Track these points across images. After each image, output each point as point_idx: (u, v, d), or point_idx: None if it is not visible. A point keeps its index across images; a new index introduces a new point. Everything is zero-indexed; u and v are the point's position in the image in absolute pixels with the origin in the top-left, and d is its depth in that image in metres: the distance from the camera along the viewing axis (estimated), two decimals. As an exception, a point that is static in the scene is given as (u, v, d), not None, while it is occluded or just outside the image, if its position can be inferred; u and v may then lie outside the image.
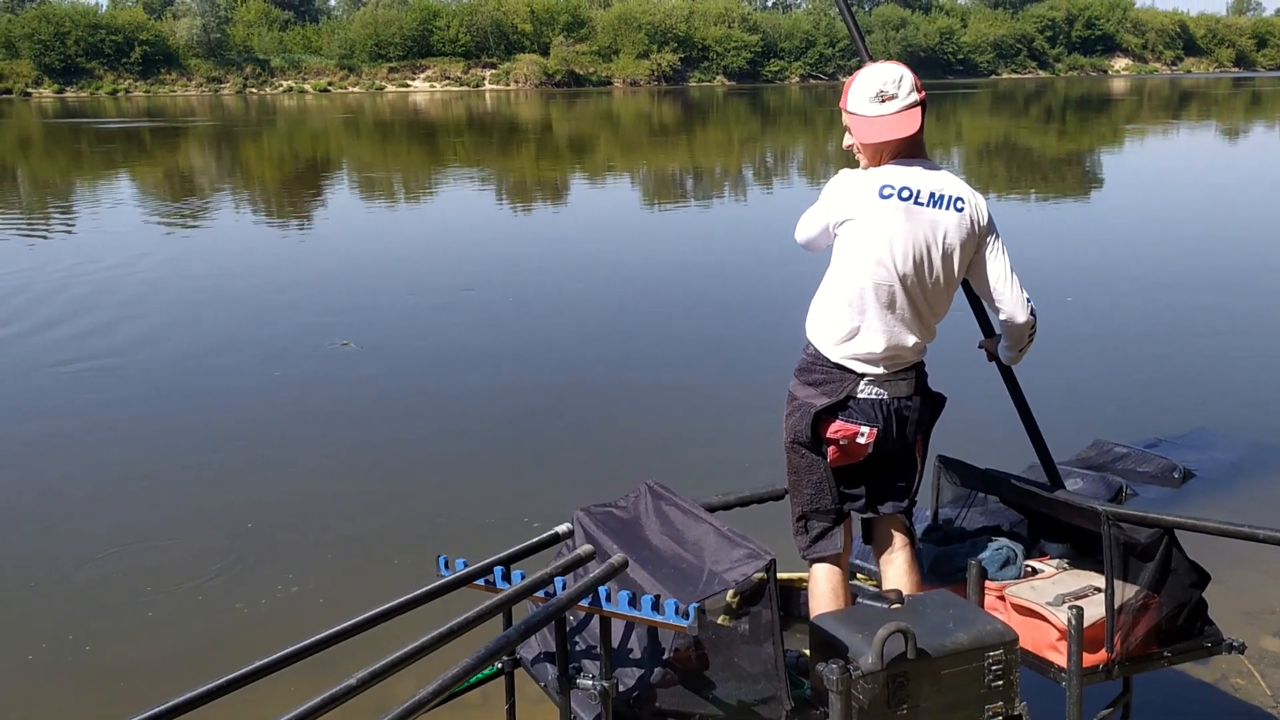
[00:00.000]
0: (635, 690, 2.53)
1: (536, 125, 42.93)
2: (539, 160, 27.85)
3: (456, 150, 31.01)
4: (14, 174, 26.39)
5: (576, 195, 20.80)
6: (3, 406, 7.39)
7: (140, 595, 4.65)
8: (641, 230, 15.94)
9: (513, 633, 2.25)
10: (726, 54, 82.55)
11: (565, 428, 6.86)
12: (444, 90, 74.70)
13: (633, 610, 2.39)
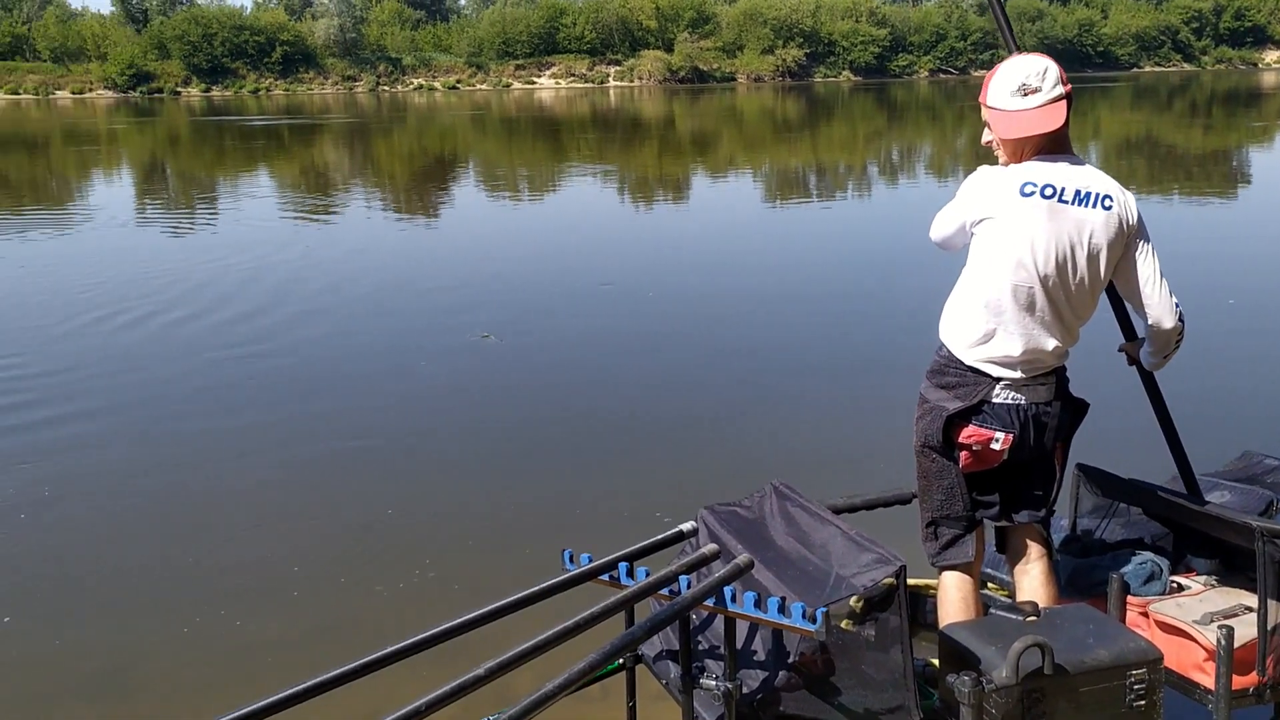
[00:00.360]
0: (759, 693, 2.51)
1: (659, 122, 43.06)
2: (661, 156, 27.93)
3: (580, 147, 31.32)
4: (164, 169, 27.70)
5: (700, 192, 20.78)
6: (162, 390, 7.73)
7: (288, 574, 4.82)
8: (766, 228, 15.82)
9: (638, 630, 2.25)
10: (853, 48, 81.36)
11: (693, 424, 6.86)
12: (568, 87, 75.57)
13: (758, 612, 2.36)
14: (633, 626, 2.38)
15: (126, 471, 6.18)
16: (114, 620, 4.52)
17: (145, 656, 4.26)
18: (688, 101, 56.93)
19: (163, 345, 8.97)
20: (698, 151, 29.30)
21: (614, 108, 53.76)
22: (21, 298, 10.91)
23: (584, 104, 56.55)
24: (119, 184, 24.56)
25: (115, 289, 11.12)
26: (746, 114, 47.73)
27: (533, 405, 7.26)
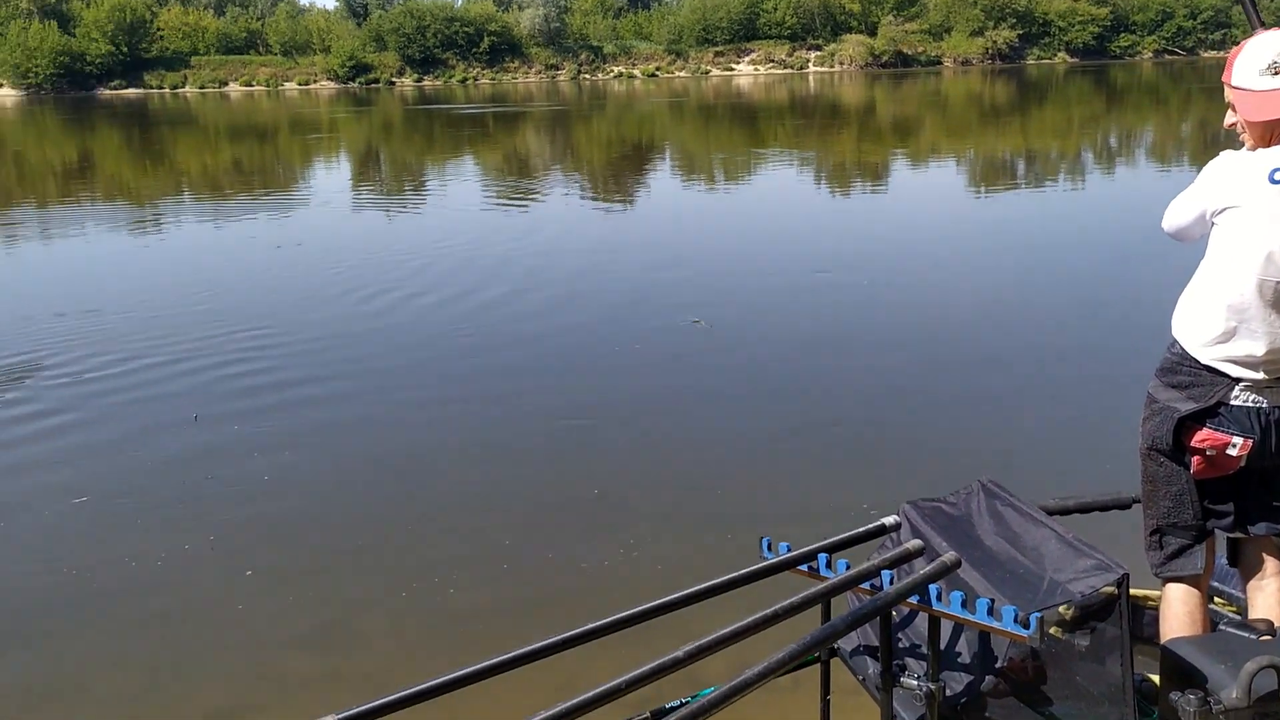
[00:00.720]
0: (963, 696, 2.42)
1: (860, 107, 42.20)
2: (861, 143, 27.37)
3: (778, 133, 31.05)
4: (377, 156, 29.14)
5: (901, 179, 20.26)
6: (396, 365, 8.18)
7: (500, 546, 5.02)
8: (973, 216, 15.31)
9: (839, 623, 2.20)
10: (1070, 29, 77.34)
11: (900, 416, 6.74)
12: (767, 73, 75.01)
13: (966, 613, 2.27)
14: (832, 619, 2.33)
15: (358, 441, 6.55)
16: (336, 579, 4.81)
17: (364, 615, 4.51)
18: (890, 86, 55.56)
19: (396, 322, 9.46)
20: (899, 138, 28.57)
21: (813, 94, 53.03)
22: (284, 279, 11.72)
23: (782, 90, 56.02)
24: (343, 169, 26.00)
25: (356, 270, 11.79)
26: (952, 99, 46.18)
27: (741, 392, 7.28)
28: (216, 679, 4.05)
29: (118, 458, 6.28)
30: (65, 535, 5.28)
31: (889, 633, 2.47)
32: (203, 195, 20.37)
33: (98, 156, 30.18)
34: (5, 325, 9.53)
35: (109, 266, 12.98)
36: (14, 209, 19.13)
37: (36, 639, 4.36)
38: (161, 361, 8.16)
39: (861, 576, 2.45)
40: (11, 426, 6.84)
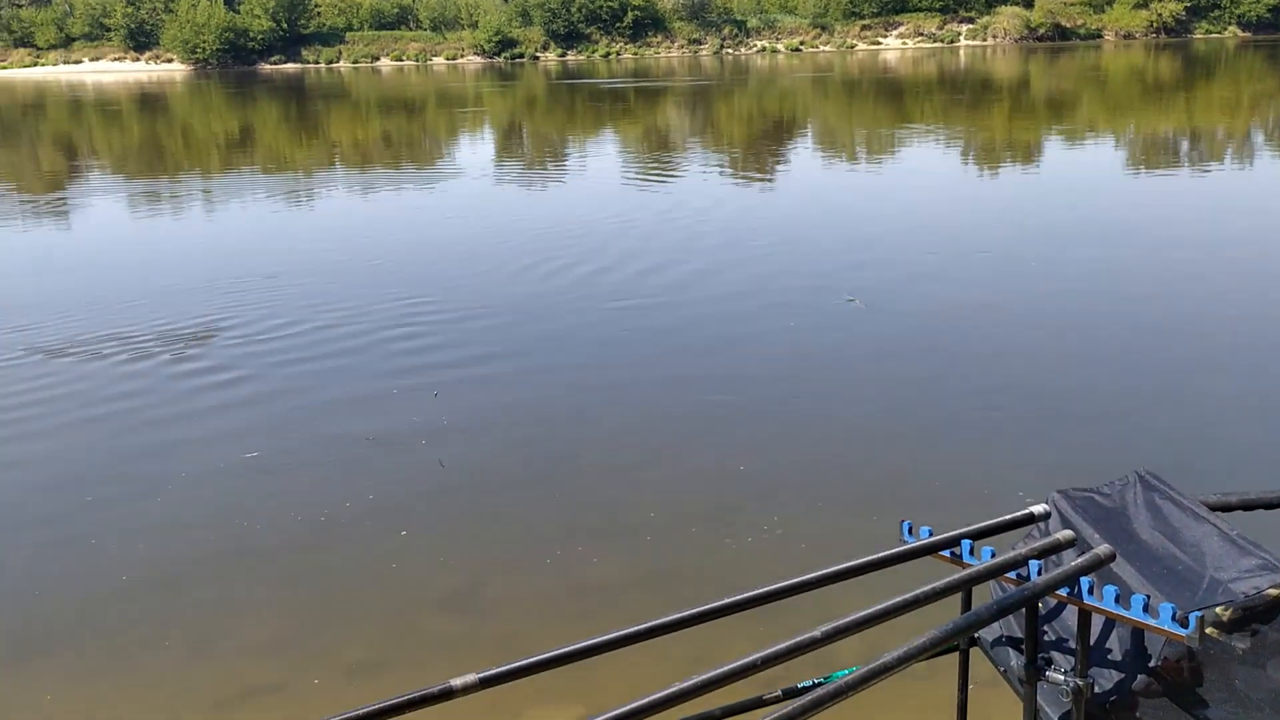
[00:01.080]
0: (1112, 694, 2.32)
1: (1012, 82, 40.73)
2: (1012, 119, 26.42)
3: (924, 110, 30.24)
4: (520, 130, 29.57)
5: (1055, 157, 19.49)
6: (545, 334, 8.40)
7: (644, 518, 5.09)
8: (1136, 198, 14.64)
9: (984, 611, 2.14)
10: (1243, 1, 72.91)
11: (1059, 405, 6.53)
12: (915, 47, 73.04)
13: (1119, 608, 2.18)
14: (975, 607, 2.27)
15: (512, 411, 6.72)
16: (483, 544, 4.95)
17: (506, 580, 4.63)
18: (1045, 61, 53.43)
19: (551, 292, 9.69)
20: (1053, 114, 27.47)
21: (963, 68, 51.42)
22: (444, 249, 12.05)
23: (930, 65, 54.49)
24: (490, 144, 26.48)
25: (510, 240, 12.13)
26: (1112, 74, 44.13)
27: (893, 372, 7.21)
28: (361, 634, 4.21)
29: (289, 417, 6.63)
30: (235, 487, 5.56)
31: (1035, 624, 2.39)
32: (361, 166, 21.06)
33: (259, 128, 31.48)
34: (187, 289, 10.07)
35: (281, 234, 13.61)
36: (184, 178, 20.14)
37: (198, 584, 4.61)
38: (334, 325, 8.55)
39: (1008, 565, 2.37)
40: (192, 381, 7.29)
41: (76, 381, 7.32)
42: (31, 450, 6.19)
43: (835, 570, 2.51)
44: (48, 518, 5.31)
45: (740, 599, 2.40)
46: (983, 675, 3.08)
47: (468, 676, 2.12)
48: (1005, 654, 2.67)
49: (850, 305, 8.72)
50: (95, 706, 3.80)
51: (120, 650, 4.16)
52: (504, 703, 3.59)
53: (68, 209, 16.38)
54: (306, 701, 3.72)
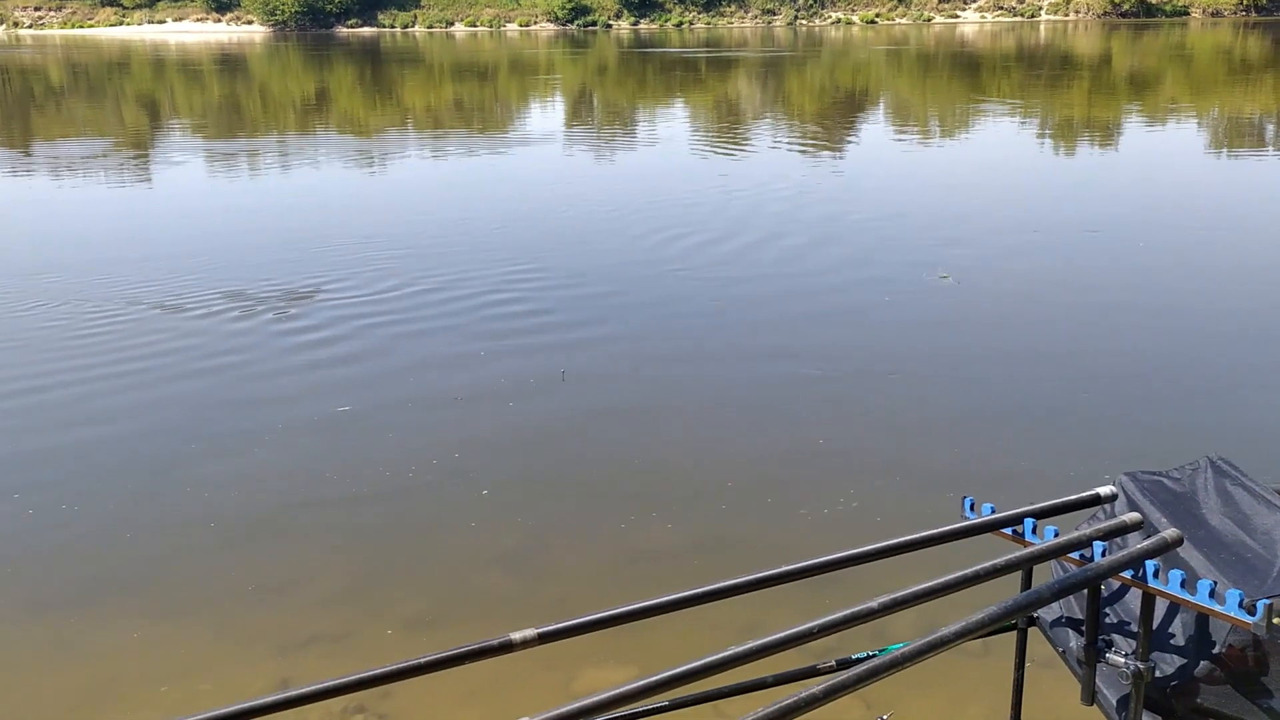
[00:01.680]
0: (1174, 679, 2.30)
1: (1093, 59, 39.70)
2: (1091, 96, 25.78)
3: (1007, 85, 29.61)
4: (590, 98, 29.54)
5: (1135, 137, 18.99)
6: (640, 298, 8.47)
7: (720, 488, 5.13)
8: (1243, 178, 14.26)
9: (1045, 590, 2.12)
10: (1341, -22, 70.10)
11: (1131, 385, 6.44)
12: (994, 21, 71.45)
13: (1185, 593, 2.15)
14: (1035, 586, 2.25)
15: (602, 378, 6.75)
16: (554, 506, 5.00)
17: (574, 541, 4.69)
18: (1129, 38, 51.96)
19: (643, 260, 9.73)
20: (1134, 92, 26.73)
21: (1043, 43, 50.21)
22: (527, 216, 12.15)
23: (1009, 39, 53.27)
24: (581, 111, 26.52)
25: (605, 211, 12.13)
26: (1198, 52, 42.79)
27: (979, 351, 7.15)
28: (429, 588, 4.30)
29: (380, 374, 6.77)
30: (325, 441, 5.70)
31: (1097, 606, 2.37)
32: (441, 131, 21.22)
33: (338, 90, 31.82)
34: (286, 249, 10.29)
35: (371, 198, 13.78)
36: (271, 139, 20.47)
37: (279, 533, 4.74)
38: (428, 288, 8.68)
39: (1072, 545, 2.35)
40: (293, 338, 7.47)
41: (189, 336, 7.53)
42: (138, 400, 6.39)
43: (893, 544, 2.51)
44: (149, 465, 5.49)
45: (797, 568, 2.41)
46: (1039, 655, 3.06)
47: (526, 631, 2.16)
48: (1065, 634, 2.64)
49: (943, 282, 8.61)
50: (168, 645, 3.93)
51: (198, 593, 4.29)
52: (558, 660, 3.65)
53: (159, 168, 16.76)
54: (373, 651, 3.81)
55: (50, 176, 15.66)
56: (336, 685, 2.10)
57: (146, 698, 3.60)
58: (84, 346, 7.31)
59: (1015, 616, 2.32)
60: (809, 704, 1.80)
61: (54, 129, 22.39)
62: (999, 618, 2.04)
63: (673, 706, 2.67)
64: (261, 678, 3.68)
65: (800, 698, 1.80)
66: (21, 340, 7.51)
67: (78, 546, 4.68)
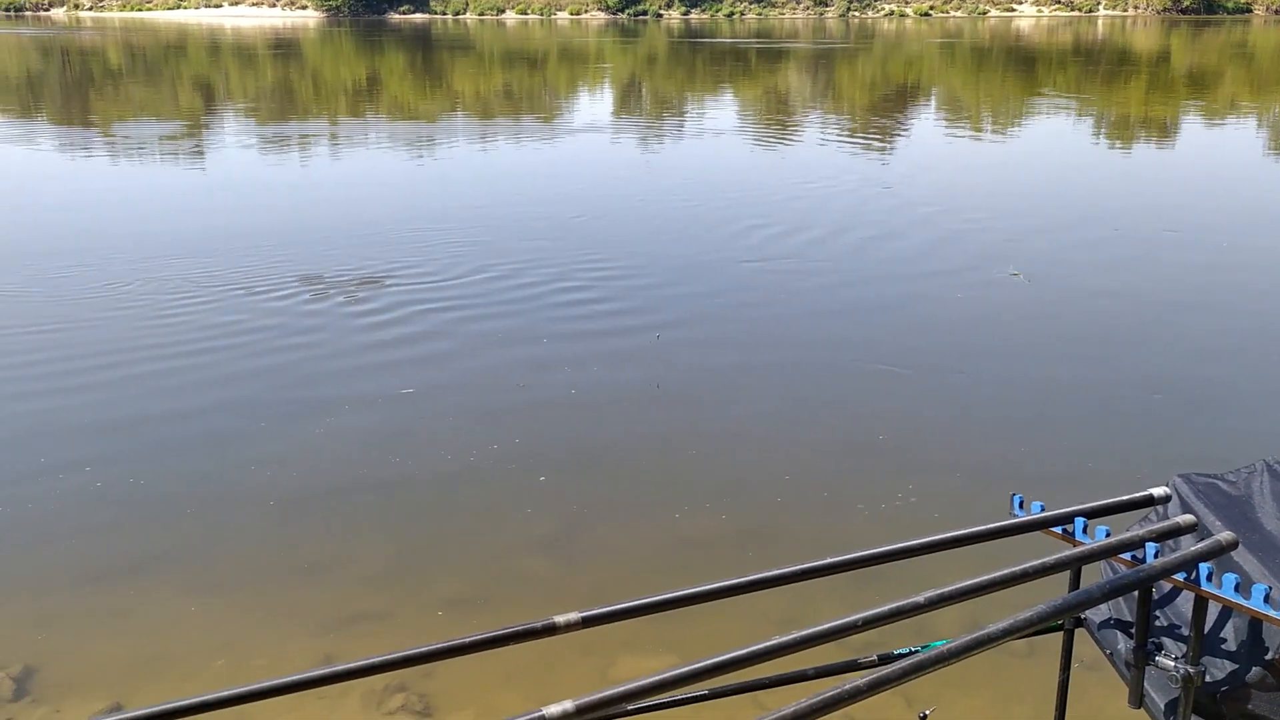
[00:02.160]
0: (1224, 684, 2.26)
1: (1152, 56, 39.00)
2: (1157, 93, 25.34)
3: (1059, 80, 29.18)
4: (639, 87, 29.50)
5: (1205, 135, 18.62)
6: (709, 288, 8.47)
7: (778, 481, 5.11)
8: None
9: (1096, 590, 2.09)
10: None
11: (1200, 391, 6.35)
12: (1051, 16, 70.41)
13: (1239, 598, 2.11)
14: (1085, 586, 2.22)
15: (669, 367, 6.74)
16: (613, 494, 5.03)
17: (610, 530, 4.69)
18: (1189, 34, 50.98)
19: (712, 250, 9.70)
20: (1194, 91, 26.22)
21: (1100, 39, 49.41)
22: (594, 203, 12.17)
23: (1066, 34, 52.47)
24: (651, 100, 26.53)
25: (676, 202, 12.16)
26: (1260, 51, 41.89)
27: (1048, 349, 7.05)
28: (477, 571, 4.32)
29: (445, 357, 6.83)
30: (387, 421, 5.77)
31: (1148, 608, 2.33)
32: (504, 119, 21.31)
33: (401, 75, 32.05)
34: (362, 232, 10.35)
35: (438, 183, 13.84)
36: (341, 123, 20.67)
37: (335, 510, 4.80)
38: (497, 275, 8.70)
39: (1124, 546, 2.31)
40: (358, 320, 7.54)
41: (263, 316, 7.62)
42: (210, 378, 6.48)
43: (940, 539, 2.48)
44: (215, 443, 5.56)
45: (841, 560, 2.39)
46: (1084, 656, 3.02)
47: (570, 614, 2.16)
48: (1113, 636, 2.61)
49: (1015, 279, 8.51)
50: (218, 619, 3.99)
51: (250, 568, 4.35)
52: (598, 645, 3.66)
53: (222, 151, 16.97)
54: (416, 631, 3.84)
55: (115, 158, 15.93)
56: (380, 662, 2.11)
57: (195, 669, 3.66)
58: (157, 327, 7.43)
59: (1064, 616, 2.29)
60: (853, 696, 1.79)
61: (114, 110, 22.74)
62: (1048, 616, 2.01)
63: (712, 695, 2.66)
64: (307, 653, 3.73)
65: (844, 689, 1.78)
66: (99, 319, 7.64)
67: (139, 519, 4.77)
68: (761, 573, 2.35)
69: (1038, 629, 2.16)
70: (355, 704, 3.41)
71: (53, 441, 5.53)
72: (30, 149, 16.92)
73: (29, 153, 16.50)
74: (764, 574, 2.34)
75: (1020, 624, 2.01)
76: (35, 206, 12.11)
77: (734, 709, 3.02)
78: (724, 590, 2.32)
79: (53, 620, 3.97)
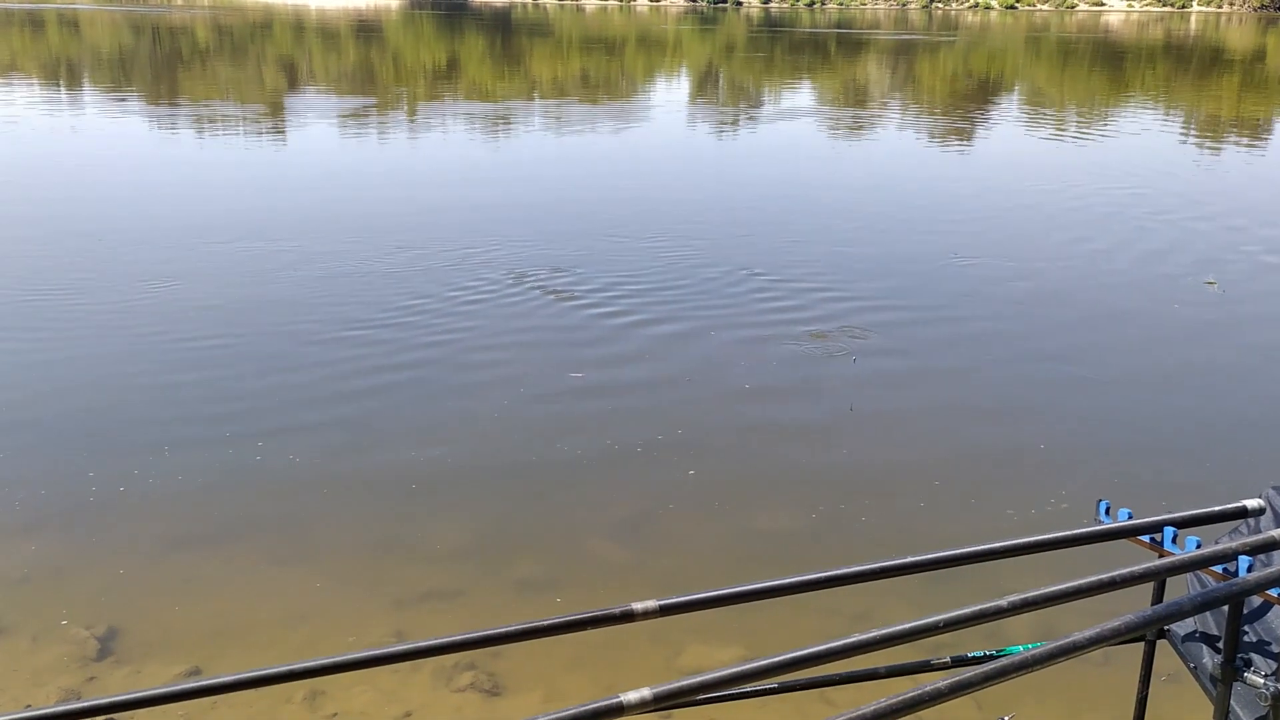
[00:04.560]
0: (1316, 705, 2.19)
1: (1246, 54, 37.79)
2: (1242, 93, 24.56)
3: (1145, 78, 28.43)
4: (716, 76, 29.36)
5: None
6: (889, 285, 8.37)
7: (926, 484, 5.04)
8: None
9: (1185, 603, 2.03)
10: None
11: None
12: (1142, 11, 68.57)
13: (1336, 616, 2.04)
14: (1175, 598, 2.16)
15: (847, 369, 6.56)
16: (761, 491, 4.99)
17: (704, 520, 4.66)
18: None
19: (889, 248, 9.60)
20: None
21: (1192, 36, 47.99)
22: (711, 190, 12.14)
23: (1157, 30, 51.07)
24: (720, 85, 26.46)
25: (829, 199, 11.99)
26: (1363, 50, 40.38)
27: (1235, 362, 6.86)
28: (541, 552, 4.34)
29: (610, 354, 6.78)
30: (520, 413, 5.74)
31: (1238, 622, 2.27)
32: (612, 102, 21.39)
33: (489, 60, 32.30)
34: (530, 226, 10.27)
35: (533, 167, 13.76)
36: (463, 106, 20.92)
37: (437, 499, 4.85)
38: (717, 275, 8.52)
39: (1216, 558, 2.24)
40: (574, 305, 7.58)
41: (415, 308, 7.59)
42: (393, 351, 6.59)
43: (1022, 543, 2.44)
44: (350, 431, 5.60)
45: (921, 560, 2.36)
46: (1163, 668, 2.95)
47: (648, 602, 2.17)
48: (1198, 650, 2.55)
49: (1209, 289, 8.29)
50: (297, 588, 4.07)
51: (338, 543, 4.42)
52: (667, 635, 3.67)
53: (356, 132, 17.21)
54: (486, 611, 3.88)
55: (236, 138, 16.16)
56: (455, 641, 2.14)
57: (268, 639, 3.74)
58: (301, 310, 7.46)
59: (1151, 627, 2.24)
60: (934, 698, 1.76)
61: (212, 89, 23.23)
62: (1136, 626, 1.96)
63: (782, 690, 2.65)
64: (380, 627, 3.79)
65: (924, 691, 1.76)
66: (260, 300, 7.72)
67: (268, 492, 4.85)
68: (837, 569, 2.34)
69: (1124, 639, 2.11)
70: (425, 679, 3.46)
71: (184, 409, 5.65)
72: (162, 131, 17.28)
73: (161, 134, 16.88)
74: (839, 570, 2.32)
75: (1108, 633, 1.97)
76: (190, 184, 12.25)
77: (803, 703, 3.01)
78: (802, 585, 2.30)
79: (139, 581, 4.09)
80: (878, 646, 2.03)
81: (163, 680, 3.40)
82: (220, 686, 2.15)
